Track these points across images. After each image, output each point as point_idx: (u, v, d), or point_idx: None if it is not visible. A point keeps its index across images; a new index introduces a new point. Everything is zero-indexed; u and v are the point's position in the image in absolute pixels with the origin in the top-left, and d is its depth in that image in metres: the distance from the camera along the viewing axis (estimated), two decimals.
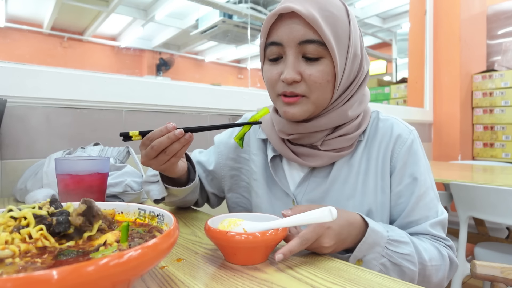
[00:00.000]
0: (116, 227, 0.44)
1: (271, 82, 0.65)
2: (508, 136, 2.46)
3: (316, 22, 0.58)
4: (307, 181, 0.70)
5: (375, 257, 0.58)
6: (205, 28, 5.33)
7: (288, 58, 0.61)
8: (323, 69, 0.61)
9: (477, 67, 2.70)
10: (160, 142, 0.57)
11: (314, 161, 0.68)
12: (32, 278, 0.24)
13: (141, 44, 7.20)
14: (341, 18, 0.61)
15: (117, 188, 0.83)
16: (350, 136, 0.67)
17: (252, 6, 4.74)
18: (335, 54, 0.60)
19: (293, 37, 0.60)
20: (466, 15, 2.57)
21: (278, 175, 0.73)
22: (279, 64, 0.63)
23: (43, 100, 1.04)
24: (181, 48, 7.45)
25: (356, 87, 0.67)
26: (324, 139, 0.67)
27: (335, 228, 0.54)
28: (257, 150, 0.77)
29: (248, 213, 0.59)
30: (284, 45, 0.61)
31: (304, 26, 0.59)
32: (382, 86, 3.31)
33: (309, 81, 0.61)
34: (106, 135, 1.17)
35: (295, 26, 0.59)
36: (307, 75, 0.61)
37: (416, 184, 0.66)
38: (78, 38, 6.47)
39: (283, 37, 0.61)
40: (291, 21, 0.60)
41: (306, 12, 0.57)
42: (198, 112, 1.40)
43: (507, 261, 1.36)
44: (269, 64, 0.65)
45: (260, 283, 0.42)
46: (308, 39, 0.59)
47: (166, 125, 0.58)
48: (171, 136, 0.57)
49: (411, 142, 0.68)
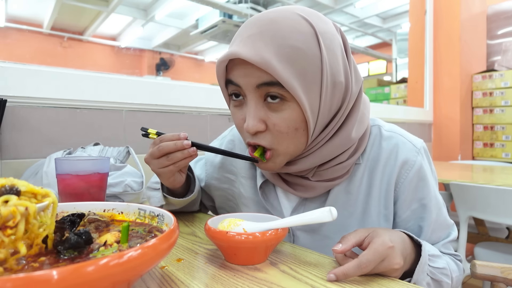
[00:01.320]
0: (115, 227, 0.44)
1: (238, 128, 0.59)
2: (508, 136, 2.46)
3: (268, 67, 0.49)
4: (302, 208, 0.65)
5: (424, 277, 0.53)
6: (205, 28, 5.32)
7: (249, 104, 0.54)
8: (288, 117, 0.52)
9: (477, 67, 2.70)
10: (167, 145, 0.58)
11: (306, 192, 0.63)
12: (32, 278, 0.24)
13: (141, 44, 7.20)
14: (307, 50, 0.50)
15: (117, 188, 0.83)
16: (344, 164, 0.60)
17: (252, 6, 4.74)
18: (300, 98, 0.51)
19: (249, 81, 0.52)
20: (466, 15, 2.57)
21: (270, 201, 0.68)
22: (243, 108, 0.57)
23: (43, 100, 1.04)
24: (181, 48, 7.45)
25: (344, 115, 0.58)
26: (315, 171, 0.62)
27: (398, 246, 0.48)
28: (246, 172, 0.72)
29: (248, 213, 0.59)
30: (242, 89, 0.54)
31: (259, 69, 0.50)
32: (382, 86, 3.31)
33: (274, 132, 0.54)
34: (106, 135, 1.17)
35: (249, 70, 0.51)
36: (271, 124, 0.53)
37: (426, 210, 0.61)
38: (78, 38, 6.48)
39: (239, 80, 0.53)
40: (243, 64, 0.52)
41: (255, 57, 0.49)
42: (198, 112, 1.40)
43: (507, 261, 1.35)
44: (233, 106, 0.59)
45: (260, 283, 0.42)
46: (265, 82, 0.51)
47: (179, 133, 0.59)
48: (178, 144, 0.57)
49: (419, 167, 0.61)
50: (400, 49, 5.54)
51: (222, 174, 0.77)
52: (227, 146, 0.78)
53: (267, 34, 0.50)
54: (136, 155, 0.95)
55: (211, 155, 0.80)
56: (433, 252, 0.57)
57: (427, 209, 0.62)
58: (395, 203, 0.63)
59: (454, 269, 0.62)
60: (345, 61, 0.56)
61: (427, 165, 0.63)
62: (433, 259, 0.56)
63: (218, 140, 0.83)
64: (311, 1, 4.96)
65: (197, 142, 0.59)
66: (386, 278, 0.45)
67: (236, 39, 0.54)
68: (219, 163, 0.77)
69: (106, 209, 0.50)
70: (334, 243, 0.49)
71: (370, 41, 6.92)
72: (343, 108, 0.57)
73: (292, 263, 0.49)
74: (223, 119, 1.49)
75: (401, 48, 5.51)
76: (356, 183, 0.63)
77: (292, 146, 0.56)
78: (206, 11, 5.25)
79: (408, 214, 0.62)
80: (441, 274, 0.57)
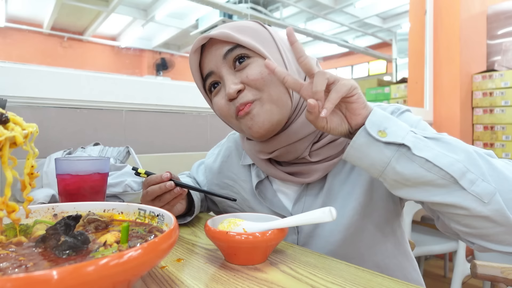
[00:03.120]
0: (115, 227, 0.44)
1: (223, 111, 0.62)
2: (508, 136, 2.46)
3: (229, 36, 0.58)
4: (303, 197, 0.66)
5: (402, 129, 0.48)
6: (205, 28, 5.33)
7: (224, 77, 0.60)
8: (257, 66, 0.58)
9: (477, 67, 2.70)
10: (153, 190, 0.60)
11: (309, 176, 0.64)
12: (32, 278, 0.24)
13: (141, 44, 7.21)
14: (262, 32, 0.61)
15: (117, 188, 0.83)
16: (338, 141, 0.63)
17: (252, 6, 4.74)
18: (261, 50, 0.58)
19: (216, 56, 0.60)
20: (466, 15, 2.57)
21: (270, 198, 0.69)
22: (221, 91, 0.62)
23: (43, 100, 1.04)
24: (181, 48, 7.45)
25: None
26: (310, 149, 0.63)
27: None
28: (244, 177, 0.74)
29: (248, 213, 0.59)
30: (215, 70, 0.61)
31: (222, 43, 0.59)
32: (382, 86, 3.31)
33: (250, 83, 0.58)
34: (106, 135, 1.17)
35: (214, 49, 0.60)
36: (245, 78, 0.58)
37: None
38: (78, 38, 6.48)
39: (210, 63, 0.61)
40: (211, 48, 0.61)
41: (218, 33, 0.58)
42: (198, 112, 1.40)
43: (507, 261, 1.35)
44: (214, 96, 0.63)
45: (260, 283, 0.42)
46: (229, 48, 0.59)
47: (162, 174, 0.61)
48: (162, 186, 0.60)
49: (405, 110, 0.63)
50: (400, 49, 5.55)
51: (221, 180, 0.78)
52: (225, 153, 0.80)
53: (228, 25, 0.62)
54: (136, 155, 0.95)
55: (210, 161, 0.83)
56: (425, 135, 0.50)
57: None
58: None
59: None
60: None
61: (419, 117, 0.62)
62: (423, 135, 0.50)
63: (218, 147, 0.85)
64: (311, 1, 4.96)
65: (179, 182, 0.62)
66: (386, 278, 0.45)
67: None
68: (218, 168, 0.79)
69: (106, 209, 0.50)
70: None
71: (370, 41, 6.92)
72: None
73: (292, 263, 0.49)
74: None
75: (401, 48, 5.51)
76: (349, 163, 0.63)
77: (275, 92, 0.58)
78: (206, 11, 5.26)
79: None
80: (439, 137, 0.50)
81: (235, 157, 0.77)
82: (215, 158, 0.82)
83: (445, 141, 0.49)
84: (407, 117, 0.62)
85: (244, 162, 0.74)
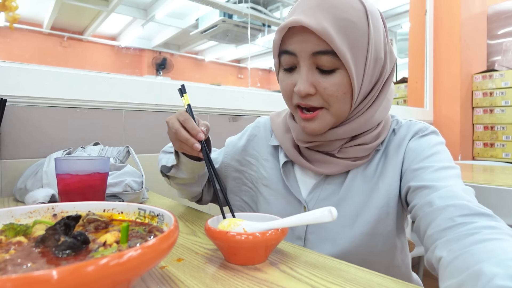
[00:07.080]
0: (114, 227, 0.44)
1: (286, 92, 0.63)
2: (508, 136, 2.46)
3: (327, 36, 0.54)
4: (320, 188, 0.68)
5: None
6: (205, 27, 5.33)
7: (302, 70, 0.59)
8: (338, 82, 0.58)
9: (477, 67, 2.70)
10: (182, 135, 0.61)
11: (328, 168, 0.66)
12: (32, 278, 0.24)
13: (141, 44, 7.20)
14: (358, 24, 0.56)
15: (117, 188, 0.83)
16: (368, 146, 0.65)
17: (252, 6, 4.74)
18: (350, 66, 0.56)
19: (306, 48, 0.57)
20: (466, 15, 2.57)
21: (290, 181, 0.71)
22: (293, 74, 0.61)
23: (43, 100, 1.04)
24: (181, 48, 7.45)
25: (378, 91, 0.64)
26: (342, 146, 0.65)
27: None
28: (268, 156, 0.76)
29: (248, 213, 0.59)
30: (297, 55, 0.59)
31: (316, 37, 0.56)
32: None
33: (324, 95, 0.59)
34: (106, 135, 1.17)
35: (307, 37, 0.56)
36: (321, 88, 0.58)
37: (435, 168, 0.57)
38: (78, 37, 6.47)
39: (295, 47, 0.58)
40: (302, 32, 0.57)
41: (317, 26, 0.54)
42: (198, 112, 1.40)
43: None
44: (284, 74, 0.63)
45: (260, 283, 0.42)
46: (321, 50, 0.56)
47: (199, 131, 0.61)
48: (189, 142, 0.61)
49: (430, 133, 0.64)
50: (400, 49, 5.54)
51: (243, 157, 0.80)
52: (252, 132, 0.82)
53: (325, 7, 0.56)
54: (136, 155, 0.95)
55: (234, 139, 0.85)
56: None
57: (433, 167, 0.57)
58: (402, 176, 0.62)
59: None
60: (385, 40, 0.62)
61: (440, 139, 0.64)
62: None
63: (245, 129, 0.86)
64: None
65: (206, 148, 0.62)
66: (386, 278, 0.45)
67: (296, 11, 0.59)
68: (243, 146, 0.81)
69: (106, 209, 0.50)
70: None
71: None
72: (380, 82, 0.63)
73: (292, 263, 0.49)
74: (223, 119, 1.49)
75: (401, 48, 5.51)
76: (372, 167, 0.66)
77: (340, 109, 0.60)
78: (206, 11, 5.26)
79: (414, 174, 0.59)
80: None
81: (262, 137, 0.80)
82: (240, 136, 0.84)
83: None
84: (428, 139, 0.63)
85: (272, 142, 0.77)
